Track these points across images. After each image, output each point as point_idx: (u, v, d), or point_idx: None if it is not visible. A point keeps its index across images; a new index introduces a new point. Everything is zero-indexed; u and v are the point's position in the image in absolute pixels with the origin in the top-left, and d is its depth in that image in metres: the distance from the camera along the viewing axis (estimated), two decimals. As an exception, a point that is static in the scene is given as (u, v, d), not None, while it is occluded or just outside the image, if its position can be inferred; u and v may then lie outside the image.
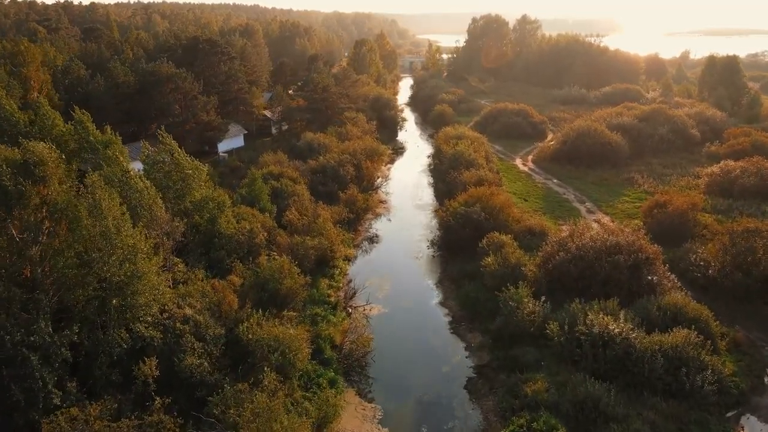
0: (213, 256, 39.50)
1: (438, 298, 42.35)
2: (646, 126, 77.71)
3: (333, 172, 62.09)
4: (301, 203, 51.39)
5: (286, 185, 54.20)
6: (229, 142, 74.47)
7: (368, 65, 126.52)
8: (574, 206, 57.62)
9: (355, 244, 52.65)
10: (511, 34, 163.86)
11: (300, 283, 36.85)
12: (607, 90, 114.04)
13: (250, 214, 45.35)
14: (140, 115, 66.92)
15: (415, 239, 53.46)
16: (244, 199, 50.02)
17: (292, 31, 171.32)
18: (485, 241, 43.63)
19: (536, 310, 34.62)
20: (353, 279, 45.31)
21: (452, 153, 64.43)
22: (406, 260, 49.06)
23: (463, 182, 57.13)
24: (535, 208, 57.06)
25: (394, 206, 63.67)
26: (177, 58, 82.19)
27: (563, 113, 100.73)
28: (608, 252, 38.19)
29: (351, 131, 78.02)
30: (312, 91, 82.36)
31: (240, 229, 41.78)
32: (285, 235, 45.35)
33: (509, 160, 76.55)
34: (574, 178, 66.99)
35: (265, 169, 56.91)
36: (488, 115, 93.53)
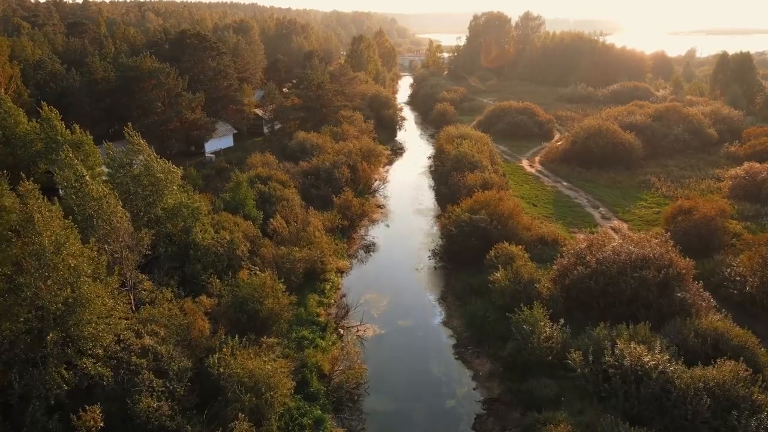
0: (188, 271, 35.03)
1: (441, 317, 37.88)
2: (659, 125, 73.27)
3: (327, 175, 57.67)
4: (291, 209, 46.93)
5: (274, 189, 49.77)
6: (217, 142, 70.02)
7: (366, 62, 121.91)
8: (587, 212, 53.17)
9: (350, 253, 48.20)
10: (514, 32, 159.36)
11: (284, 303, 32.38)
12: (615, 88, 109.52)
13: (232, 222, 40.88)
14: (121, 113, 62.38)
15: (416, 248, 49.01)
16: (227, 204, 45.58)
17: (289, 29, 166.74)
18: (493, 252, 39.18)
19: (554, 335, 30.16)
20: (346, 294, 40.88)
21: (455, 154, 59.97)
22: (406, 272, 44.61)
23: (467, 186, 52.70)
24: (545, 214, 52.59)
25: (392, 211, 59.23)
26: (163, 53, 77.90)
27: (570, 112, 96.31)
28: (634, 266, 33.70)
29: (347, 131, 73.56)
30: (306, 89, 77.86)
31: (219, 240, 37.31)
32: (271, 246, 40.90)
33: (515, 161, 72.09)
34: (585, 180, 62.55)
35: (252, 172, 52.44)
36: (492, 114, 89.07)
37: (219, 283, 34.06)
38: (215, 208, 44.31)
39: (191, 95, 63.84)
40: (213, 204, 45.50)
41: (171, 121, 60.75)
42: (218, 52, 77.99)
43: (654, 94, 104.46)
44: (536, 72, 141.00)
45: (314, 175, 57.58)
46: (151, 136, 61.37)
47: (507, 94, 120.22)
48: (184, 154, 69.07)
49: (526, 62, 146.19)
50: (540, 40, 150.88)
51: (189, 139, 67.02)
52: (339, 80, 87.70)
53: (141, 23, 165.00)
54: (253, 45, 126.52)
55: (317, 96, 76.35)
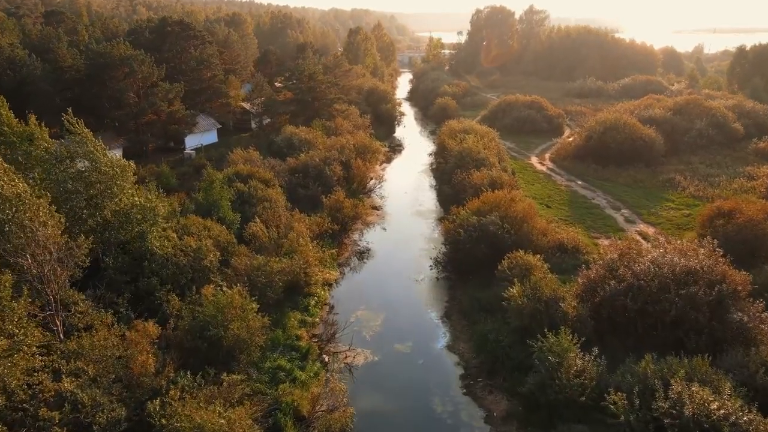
0: (141, 287, 29.18)
1: (445, 340, 32.05)
2: (680, 119, 67.42)
3: (316, 173, 51.83)
4: (273, 211, 41.10)
5: (255, 189, 43.94)
6: (199, 137, 64.15)
7: (363, 55, 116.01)
8: (608, 214, 47.32)
9: (340, 261, 42.36)
10: (518, 25, 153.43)
11: (255, 326, 26.57)
12: (627, 82, 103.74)
13: (202, 227, 35.04)
14: (90, 104, 56.52)
15: (415, 255, 43.19)
16: (198, 206, 39.77)
17: (284, 23, 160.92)
18: (507, 262, 33.32)
19: (587, 369, 24.33)
20: (334, 311, 35.06)
21: (459, 150, 54.17)
22: (404, 284, 38.78)
23: (473, 185, 46.91)
24: (561, 216, 46.75)
25: (389, 213, 53.40)
26: (144, 42, 72.03)
27: (579, 107, 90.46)
28: (678, 281, 27.90)
29: (341, 125, 67.74)
30: (297, 80, 71.99)
31: (183, 248, 31.46)
32: (246, 254, 35.08)
33: (523, 158, 66.24)
34: (602, 179, 56.69)
35: (230, 169, 46.62)
36: (497, 109, 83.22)
37: (178, 302, 28.24)
38: (184, 210, 38.50)
39: (168, 85, 57.97)
40: (183, 205, 39.70)
41: (144, 113, 54.85)
42: (202, 41, 72.15)
43: (668, 88, 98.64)
44: (541, 67, 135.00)
45: (302, 173, 51.76)
46: (124, 131, 55.66)
47: (511, 89, 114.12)
48: (161, 151, 63.30)
49: (531, 57, 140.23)
50: (545, 34, 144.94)
51: (167, 134, 61.15)
52: (333, 72, 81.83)
53: (131, 17, 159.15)
54: (246, 38, 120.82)
55: (309, 88, 70.48)
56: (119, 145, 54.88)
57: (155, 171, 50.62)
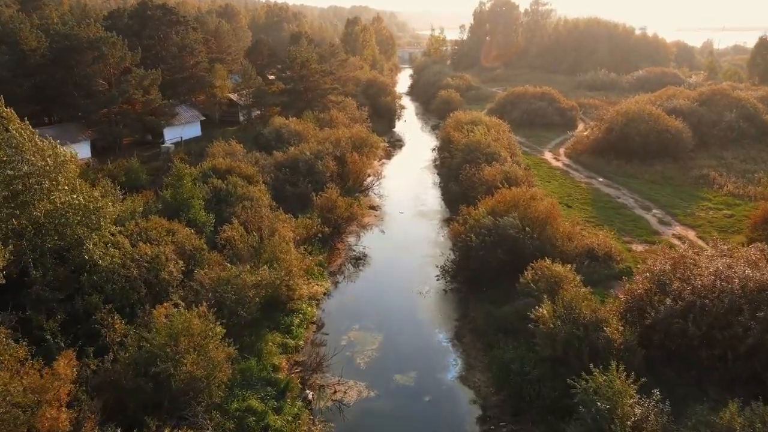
0: (78, 306, 23.39)
1: (457, 369, 26.28)
2: (707, 111, 61.63)
3: (307, 168, 46.10)
4: (255, 212, 35.33)
5: (234, 186, 38.19)
6: (179, 130, 58.31)
7: (362, 47, 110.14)
8: (638, 215, 41.53)
9: (332, 270, 36.60)
10: (522, 18, 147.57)
11: (219, 358, 20.83)
12: (641, 74, 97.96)
13: (164, 231, 29.27)
14: (56, 92, 50.78)
15: (419, 262, 37.46)
16: (167, 206, 33.99)
17: (280, 16, 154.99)
18: (531, 273, 27.54)
19: (648, 416, 18.58)
20: (323, 330, 29.32)
21: (466, 142, 48.43)
22: (406, 297, 33.02)
23: (485, 181, 41.20)
24: (585, 217, 40.96)
25: (389, 213, 47.68)
26: (122, 26, 66.27)
27: (592, 99, 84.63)
28: (751, 300, 22.20)
29: (336, 117, 61.99)
30: (289, 68, 66.20)
31: (136, 256, 25.70)
32: (220, 261, 29.38)
33: (536, 153, 60.43)
34: (626, 175, 50.89)
35: (206, 163, 40.88)
36: (505, 101, 77.38)
37: (123, 325, 22.46)
38: (146, 211, 32.71)
39: (143, 72, 52.16)
40: (146, 205, 33.92)
41: (114, 102, 49.00)
42: (184, 24, 66.40)
43: (685, 80, 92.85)
44: (547, 60, 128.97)
45: (291, 168, 46.01)
46: (93, 121, 49.94)
47: (519, 82, 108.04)
48: (138, 144, 57.51)
49: (536, 50, 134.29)
50: (551, 27, 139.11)
51: (144, 125, 55.33)
52: (329, 62, 76.05)
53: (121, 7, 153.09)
54: (239, 31, 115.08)
55: (301, 77, 64.69)
56: (86, 137, 49.11)
57: (125, 166, 44.85)
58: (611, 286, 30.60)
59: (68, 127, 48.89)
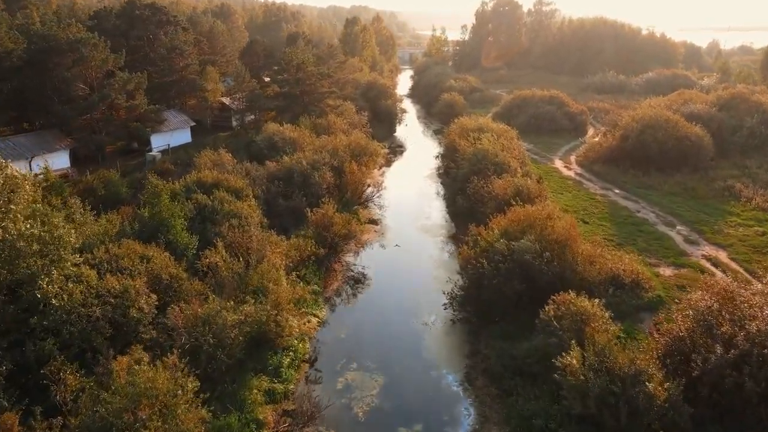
0: (29, 354, 20.05)
1: (470, 421, 22.89)
2: (726, 116, 58.30)
3: (302, 180, 42.75)
4: (243, 231, 31.97)
5: (221, 202, 34.82)
6: (168, 136, 54.92)
7: (361, 48, 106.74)
8: (662, 232, 38.16)
9: (328, 295, 33.26)
10: (526, 18, 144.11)
11: (188, 423, 17.46)
12: (650, 76, 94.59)
13: (137, 257, 25.93)
14: (33, 97, 47.40)
15: (423, 286, 34.13)
16: (144, 226, 30.61)
17: (278, 16, 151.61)
18: (552, 308, 24.19)
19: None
20: (316, 369, 25.98)
21: (473, 152, 45.09)
22: (410, 329, 29.66)
23: (495, 196, 37.88)
24: (605, 235, 37.59)
25: (390, 228, 44.34)
26: (108, 27, 62.98)
27: (601, 103, 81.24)
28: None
29: (333, 123, 58.62)
30: (284, 71, 62.84)
31: (101, 292, 22.35)
32: (201, 290, 26.07)
33: (546, 161, 57.07)
34: (644, 187, 47.56)
35: (191, 177, 37.50)
36: (511, 105, 73.99)
37: (77, 379, 19.12)
38: (121, 233, 29.35)
39: (127, 75, 48.79)
40: (122, 226, 30.54)
41: (95, 107, 45.64)
42: (174, 24, 63.06)
43: (697, 83, 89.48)
44: (552, 61, 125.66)
45: (285, 179, 42.65)
46: (72, 129, 46.62)
47: (523, 84, 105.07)
48: (123, 153, 54.16)
49: (540, 50, 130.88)
50: (556, 27, 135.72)
51: (129, 132, 51.93)
52: (327, 63, 72.67)
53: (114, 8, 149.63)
54: (236, 32, 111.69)
55: (297, 80, 61.30)
56: (65, 146, 45.69)
57: (105, 178, 41.49)
58: (641, 319, 27.35)
59: (45, 135, 45.52)
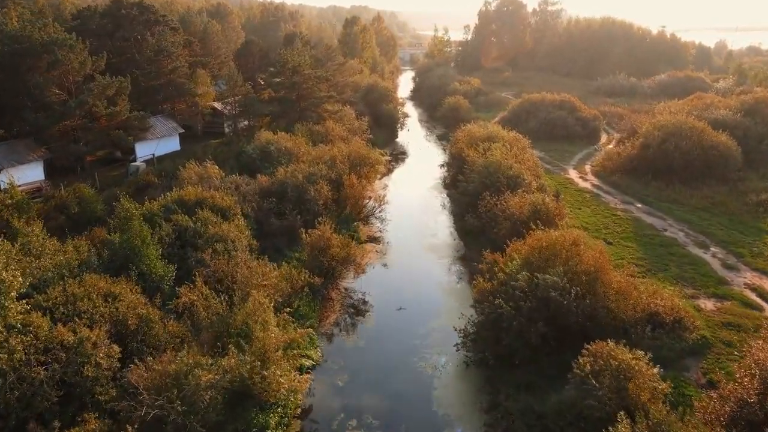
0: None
1: (491, 501, 19.14)
2: (752, 123, 54.54)
3: (297, 195, 38.98)
4: (229, 259, 28.25)
5: (205, 223, 31.09)
6: (154, 145, 51.15)
7: (361, 49, 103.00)
8: (695, 255, 34.37)
9: (324, 329, 29.50)
10: (530, 18, 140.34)
11: None
12: (663, 78, 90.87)
13: (103, 295, 22.17)
14: (5, 103, 43.67)
15: (431, 320, 30.37)
16: (114, 253, 26.89)
17: (276, 15, 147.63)
18: (588, 361, 20.42)
19: None
20: (310, 424, 22.20)
21: (484, 164, 41.32)
22: (417, 375, 25.89)
23: (510, 215, 34.14)
24: (632, 257, 33.84)
25: (392, 247, 40.58)
26: (94, 28, 59.36)
27: (614, 107, 77.43)
28: None
29: (332, 130, 54.90)
30: (279, 73, 59.11)
31: (50, 345, 18.61)
32: (178, 331, 22.35)
33: (558, 171, 53.32)
34: (668, 201, 43.81)
35: (170, 195, 33.71)
36: (520, 110, 70.20)
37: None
38: (86, 264, 25.61)
39: (107, 80, 45.05)
40: (88, 255, 26.79)
41: (70, 115, 41.89)
42: (162, 24, 59.35)
43: (712, 85, 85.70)
44: (559, 62, 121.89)
45: (278, 195, 38.91)
46: (47, 138, 42.86)
47: (529, 86, 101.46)
48: (106, 162, 50.48)
49: (547, 51, 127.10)
50: (562, 27, 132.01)
51: (111, 141, 48.13)
52: (325, 66, 68.94)
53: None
54: (230, 31, 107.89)
55: (293, 84, 57.54)
56: (39, 157, 41.93)
57: (80, 193, 37.72)
58: (686, 366, 23.59)
59: (16, 145, 41.78)
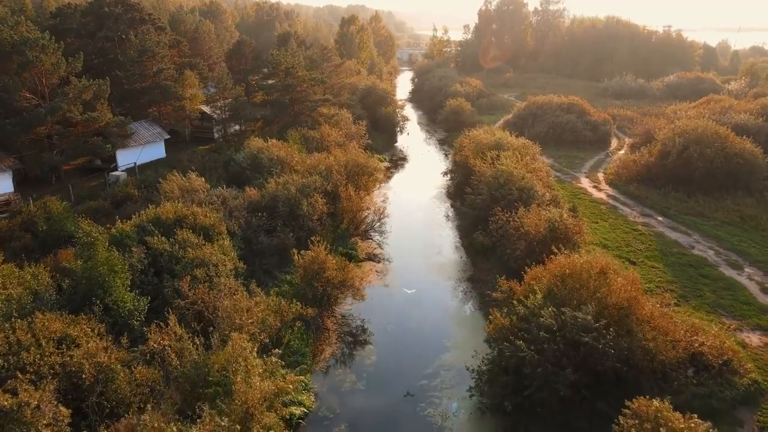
0: None
1: None
2: (774, 128, 51.37)
3: (288, 210, 35.53)
4: (212, 287, 24.83)
5: (184, 245, 27.65)
6: (136, 152, 47.63)
7: (358, 49, 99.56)
8: (729, 277, 31.09)
9: (319, 366, 26.10)
10: (532, 17, 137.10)
11: None
12: (672, 80, 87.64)
13: (51, 343, 18.72)
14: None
15: (440, 354, 26.98)
16: (76, 285, 23.45)
17: (271, 15, 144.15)
18: (633, 424, 17.04)
19: None
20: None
21: (493, 175, 37.92)
22: (425, 426, 22.45)
23: (525, 233, 30.80)
24: (659, 281, 30.52)
25: (393, 266, 37.21)
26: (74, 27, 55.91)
27: (623, 110, 74.11)
28: None
29: (328, 136, 51.48)
30: (272, 75, 55.64)
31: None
32: (147, 379, 18.88)
33: (570, 180, 49.99)
34: (691, 213, 40.52)
35: (146, 214, 30.19)
36: (526, 113, 66.78)
37: None
38: (40, 298, 22.15)
39: (84, 82, 41.56)
40: (46, 288, 23.30)
41: (41, 121, 38.38)
42: (151, 24, 55.87)
43: (724, 87, 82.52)
44: (562, 63, 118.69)
45: (269, 210, 35.43)
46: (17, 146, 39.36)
47: (531, 88, 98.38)
48: (86, 171, 47.01)
49: (550, 51, 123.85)
50: (565, 27, 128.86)
51: (90, 149, 44.58)
52: (320, 67, 65.50)
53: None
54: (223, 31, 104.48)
55: (286, 86, 54.04)
56: (7, 167, 38.35)
57: (49, 209, 34.22)
58: (739, 420, 20.29)
59: (2, 155, 38.36)
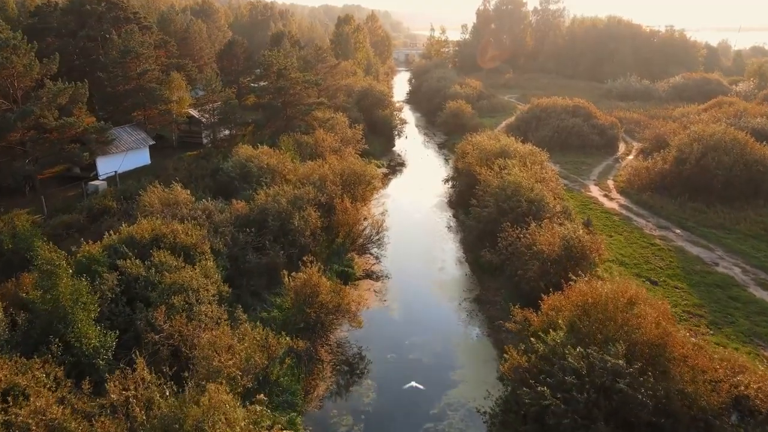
0: None
1: None
2: (792, 133, 48.83)
3: (280, 224, 32.70)
4: (192, 317, 22.02)
5: (161, 269, 24.78)
6: (120, 159, 44.70)
7: (354, 49, 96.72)
8: (759, 298, 28.48)
9: (311, 408, 23.28)
10: (531, 17, 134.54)
11: None
12: (677, 81, 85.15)
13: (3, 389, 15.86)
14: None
15: (445, 392, 24.21)
16: (35, 319, 20.57)
17: (265, 14, 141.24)
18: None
19: None
20: None
21: (500, 186, 35.16)
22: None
23: (539, 252, 28.07)
24: (685, 305, 27.85)
25: (393, 284, 34.39)
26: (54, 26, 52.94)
27: (629, 112, 71.50)
28: None
29: (322, 141, 48.66)
30: (263, 77, 52.76)
31: None
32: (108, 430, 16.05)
33: (578, 188, 47.32)
34: (712, 225, 37.88)
35: (123, 231, 27.32)
36: (529, 116, 64.03)
37: None
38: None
39: (59, 86, 38.62)
40: None
41: (10, 128, 35.42)
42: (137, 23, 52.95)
43: (731, 88, 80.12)
44: (562, 63, 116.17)
45: (257, 224, 32.59)
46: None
47: (532, 89, 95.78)
48: (64, 180, 44.03)
49: (550, 52, 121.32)
50: (565, 26, 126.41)
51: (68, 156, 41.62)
52: (315, 68, 62.63)
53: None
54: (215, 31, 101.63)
55: (278, 89, 51.16)
56: (-26, 178, 35.52)
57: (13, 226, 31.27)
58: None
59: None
